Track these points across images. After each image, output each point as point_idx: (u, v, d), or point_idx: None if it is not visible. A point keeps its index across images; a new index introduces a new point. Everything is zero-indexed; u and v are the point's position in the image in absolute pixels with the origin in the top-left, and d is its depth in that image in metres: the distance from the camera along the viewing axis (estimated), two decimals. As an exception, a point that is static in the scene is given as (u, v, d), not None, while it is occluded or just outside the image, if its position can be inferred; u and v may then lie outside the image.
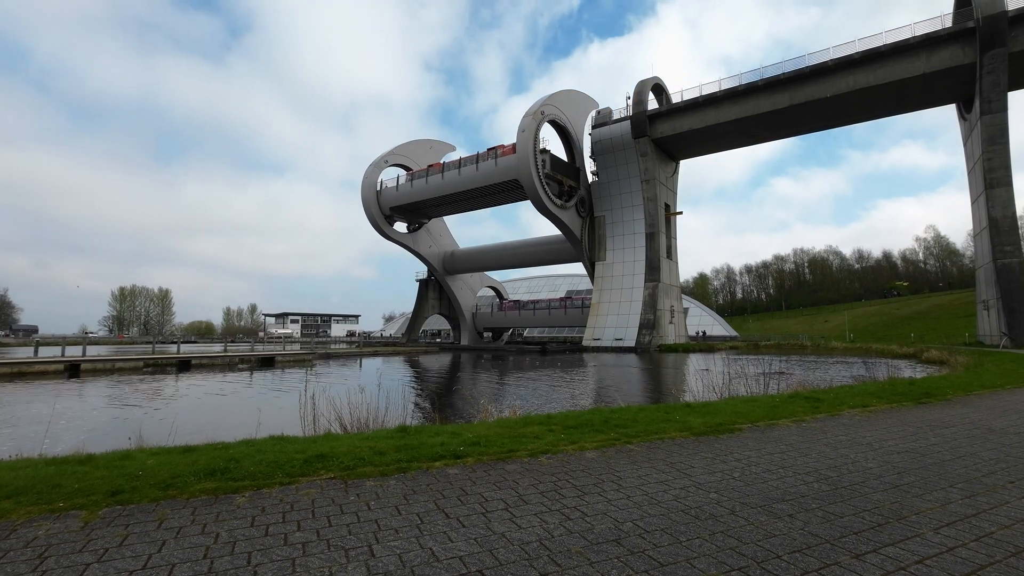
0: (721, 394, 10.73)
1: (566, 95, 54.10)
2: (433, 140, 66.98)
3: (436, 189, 55.74)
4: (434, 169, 56.24)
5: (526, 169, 45.83)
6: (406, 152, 62.62)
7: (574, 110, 55.10)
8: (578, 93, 56.33)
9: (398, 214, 61.35)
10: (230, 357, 32.63)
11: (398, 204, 59.03)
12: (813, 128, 51.36)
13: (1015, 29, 35.69)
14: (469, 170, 52.73)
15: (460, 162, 54.64)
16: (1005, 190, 35.26)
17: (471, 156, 54.17)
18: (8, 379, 21.79)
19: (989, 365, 17.45)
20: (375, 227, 59.99)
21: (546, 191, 47.88)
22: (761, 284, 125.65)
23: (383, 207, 59.46)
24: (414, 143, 64.06)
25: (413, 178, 57.73)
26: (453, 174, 54.04)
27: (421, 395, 18.44)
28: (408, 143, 63.46)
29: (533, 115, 47.20)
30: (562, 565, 2.63)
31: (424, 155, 63.29)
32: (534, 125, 46.64)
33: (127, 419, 12.42)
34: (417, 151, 63.47)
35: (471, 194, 55.10)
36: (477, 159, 52.62)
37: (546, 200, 47.84)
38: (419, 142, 64.78)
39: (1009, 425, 6.70)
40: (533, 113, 47.47)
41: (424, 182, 56.30)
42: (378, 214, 59.02)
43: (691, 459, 4.88)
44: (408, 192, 57.70)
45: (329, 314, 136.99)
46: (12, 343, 67.11)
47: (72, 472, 4.10)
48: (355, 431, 7.07)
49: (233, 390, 19.85)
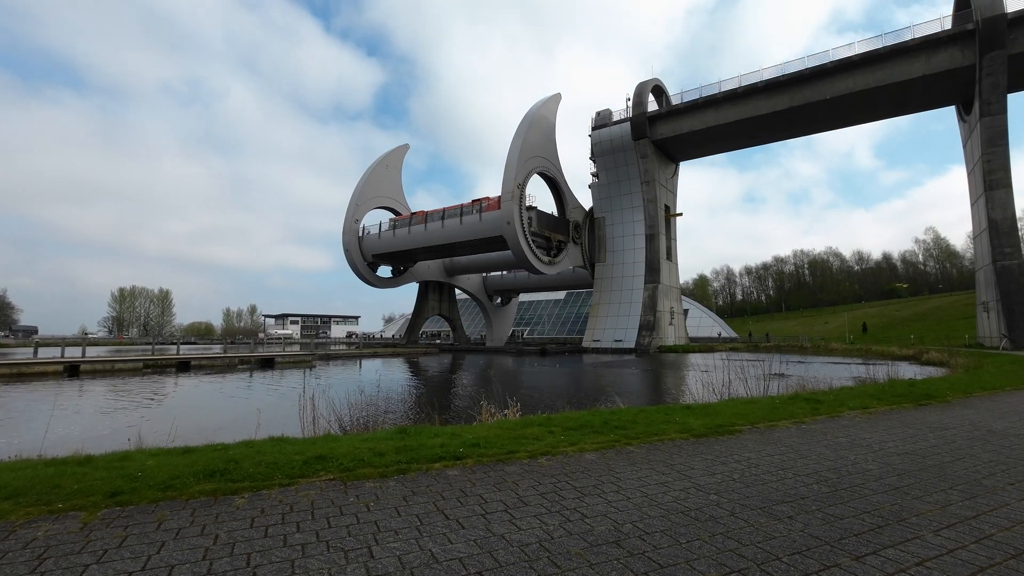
0: (721, 395, 10.72)
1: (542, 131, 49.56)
2: (386, 156, 61.25)
3: (419, 240, 54.60)
4: (417, 218, 55.39)
5: (511, 232, 44.36)
6: (372, 192, 59.12)
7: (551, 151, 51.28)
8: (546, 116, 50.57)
9: (382, 260, 60.11)
10: (230, 358, 32.61)
11: (381, 252, 57.96)
12: (813, 130, 51.43)
13: (1014, 31, 35.74)
14: (453, 223, 51.64)
15: (444, 212, 53.55)
16: (1005, 192, 35.29)
17: (454, 208, 53.07)
18: (8, 380, 21.77)
19: (989, 367, 17.44)
20: (359, 276, 58.46)
21: (533, 251, 46.71)
22: (761, 285, 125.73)
23: (366, 254, 57.93)
24: (373, 176, 59.59)
25: (395, 227, 56.56)
26: (436, 226, 52.87)
27: (420, 396, 18.43)
28: (367, 182, 59.04)
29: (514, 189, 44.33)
30: (562, 567, 2.63)
31: (389, 182, 60.58)
32: (517, 193, 44.78)
33: (126, 420, 12.41)
34: (381, 183, 59.95)
35: (456, 245, 54.10)
36: (461, 211, 51.58)
37: (533, 260, 46.70)
38: (375, 172, 59.79)
39: (1009, 427, 6.69)
40: (515, 179, 44.66)
41: (407, 231, 55.06)
42: (361, 263, 57.62)
43: (691, 461, 4.88)
44: (391, 241, 56.47)
45: (329, 315, 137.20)
46: (12, 344, 67.11)
47: (71, 473, 4.10)
48: (354, 432, 7.06)
49: (232, 391, 19.84)
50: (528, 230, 46.11)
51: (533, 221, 47.36)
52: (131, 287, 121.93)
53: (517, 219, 44.17)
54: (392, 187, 61.63)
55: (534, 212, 47.98)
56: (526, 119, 47.99)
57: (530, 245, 45.96)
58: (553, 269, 50.89)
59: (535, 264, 46.77)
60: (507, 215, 44.18)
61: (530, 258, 45.76)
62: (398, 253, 57.61)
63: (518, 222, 44.27)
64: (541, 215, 49.52)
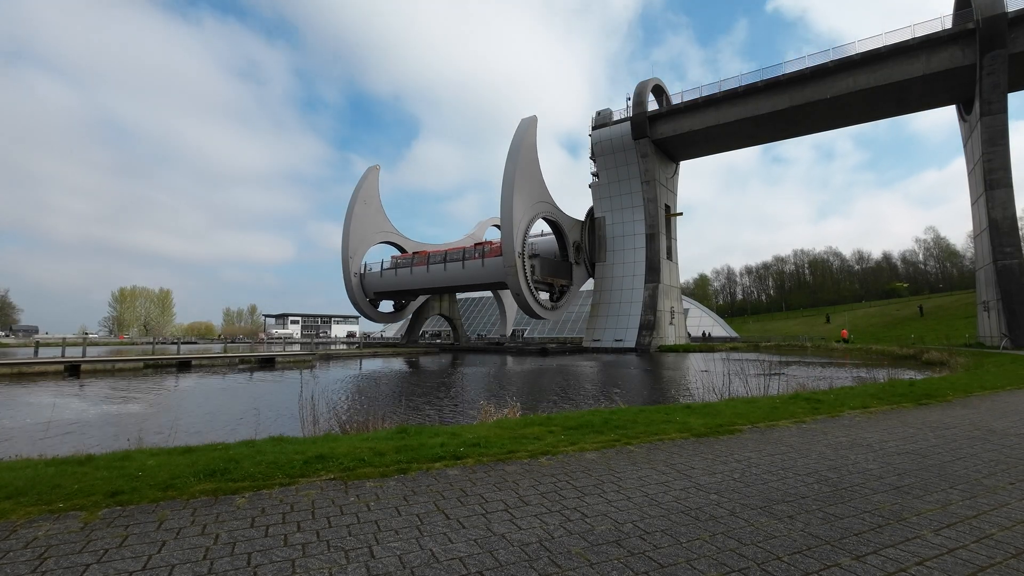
0: (721, 395, 10.72)
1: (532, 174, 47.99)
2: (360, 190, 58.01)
3: (421, 281, 55.00)
4: (419, 258, 55.99)
5: (515, 282, 44.77)
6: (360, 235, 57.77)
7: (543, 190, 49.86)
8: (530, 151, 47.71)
9: (382, 296, 60.72)
10: (230, 358, 32.64)
11: (382, 291, 58.45)
12: (814, 129, 51.38)
13: (1015, 30, 35.70)
14: (455, 267, 52.21)
15: (446, 255, 54.18)
16: (1005, 191, 35.25)
17: (457, 250, 53.48)
18: (8, 379, 21.79)
19: (989, 366, 17.44)
20: (360, 312, 59.16)
21: (536, 299, 47.11)
22: (761, 285, 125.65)
23: (367, 291, 58.49)
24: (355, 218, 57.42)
25: (397, 267, 57.04)
26: (438, 268, 53.40)
27: (421, 395, 18.43)
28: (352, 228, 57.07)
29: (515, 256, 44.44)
30: (562, 566, 2.63)
31: (372, 218, 59.22)
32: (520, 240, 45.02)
33: (127, 419, 12.42)
34: (365, 223, 58.26)
35: (458, 287, 54.70)
36: (463, 255, 52.12)
37: (537, 308, 47.13)
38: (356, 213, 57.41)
39: (1009, 426, 6.69)
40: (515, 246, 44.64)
41: (409, 272, 55.55)
42: (363, 300, 58.05)
43: (691, 460, 4.88)
44: (392, 280, 57.06)
45: (329, 315, 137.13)
46: (12, 343, 67.13)
47: (72, 473, 4.10)
48: (355, 432, 7.07)
49: (233, 391, 19.84)
50: (531, 279, 46.64)
51: (536, 269, 48.05)
52: (131, 287, 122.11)
53: (520, 270, 45.03)
54: (377, 221, 60.84)
55: (537, 261, 48.68)
56: (513, 165, 45.37)
57: (533, 294, 46.67)
58: (556, 314, 51.26)
59: (538, 312, 47.39)
60: (510, 268, 44.79)
61: (533, 307, 46.47)
62: (398, 292, 58.52)
63: (521, 273, 45.04)
64: (544, 262, 50.20)
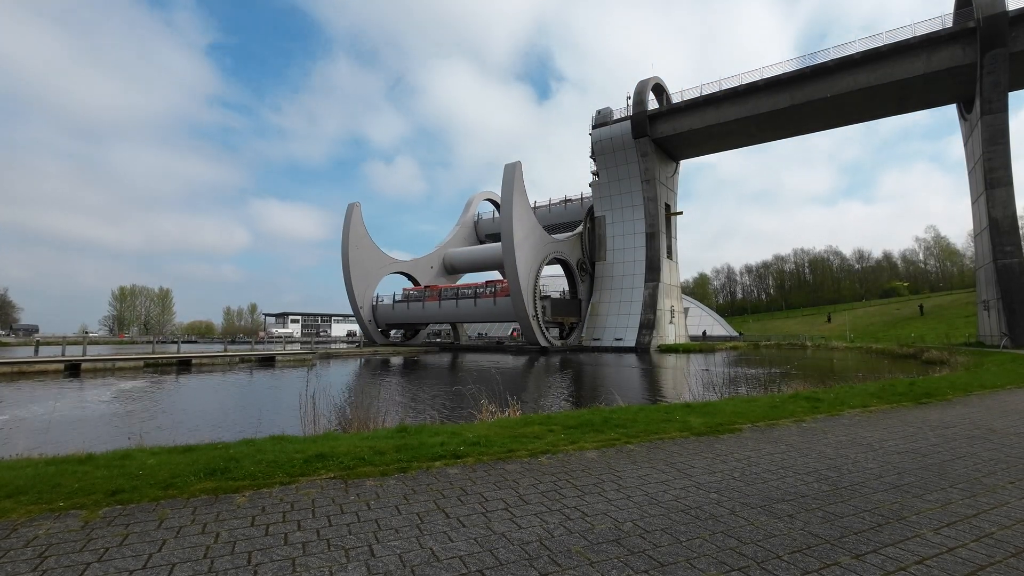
0: (721, 394, 10.72)
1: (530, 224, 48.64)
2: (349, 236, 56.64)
3: (432, 315, 56.19)
4: (431, 292, 56.81)
5: (525, 320, 46.19)
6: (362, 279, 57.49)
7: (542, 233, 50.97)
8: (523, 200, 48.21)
9: (393, 327, 62.53)
10: (230, 357, 32.65)
11: (393, 322, 59.98)
12: (814, 128, 51.33)
13: (1015, 29, 35.64)
14: (467, 304, 53.15)
15: (458, 292, 55.18)
16: (1005, 190, 35.23)
17: (468, 287, 54.41)
18: (9, 378, 21.80)
19: (989, 365, 17.44)
20: (370, 340, 60.18)
21: (546, 337, 48.23)
22: (761, 284, 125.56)
23: (379, 322, 59.96)
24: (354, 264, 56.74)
25: (409, 300, 58.08)
26: (450, 304, 54.17)
27: (420, 394, 18.43)
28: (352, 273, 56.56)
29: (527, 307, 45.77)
30: (562, 565, 2.63)
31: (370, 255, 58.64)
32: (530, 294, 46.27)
33: (127, 418, 12.43)
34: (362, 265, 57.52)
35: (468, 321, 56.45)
36: (475, 294, 53.12)
37: (545, 343, 47.95)
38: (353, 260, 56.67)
39: (1009, 425, 6.69)
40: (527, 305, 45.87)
41: (420, 306, 56.50)
42: (375, 331, 59.50)
43: (691, 459, 4.88)
44: (404, 313, 58.25)
45: (329, 314, 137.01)
46: (12, 343, 67.14)
47: (72, 472, 4.10)
48: (355, 431, 7.07)
49: (233, 390, 19.85)
50: (543, 319, 48.14)
51: (547, 310, 49.61)
52: (131, 286, 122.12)
53: (531, 310, 46.47)
54: (375, 257, 60.14)
55: (548, 302, 50.46)
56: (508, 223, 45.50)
57: (545, 334, 48.26)
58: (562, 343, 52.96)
59: (546, 345, 48.60)
60: (522, 317, 46.35)
61: (542, 343, 47.63)
62: (409, 324, 60.78)
63: (532, 314, 46.48)
64: (556, 303, 52.01)
